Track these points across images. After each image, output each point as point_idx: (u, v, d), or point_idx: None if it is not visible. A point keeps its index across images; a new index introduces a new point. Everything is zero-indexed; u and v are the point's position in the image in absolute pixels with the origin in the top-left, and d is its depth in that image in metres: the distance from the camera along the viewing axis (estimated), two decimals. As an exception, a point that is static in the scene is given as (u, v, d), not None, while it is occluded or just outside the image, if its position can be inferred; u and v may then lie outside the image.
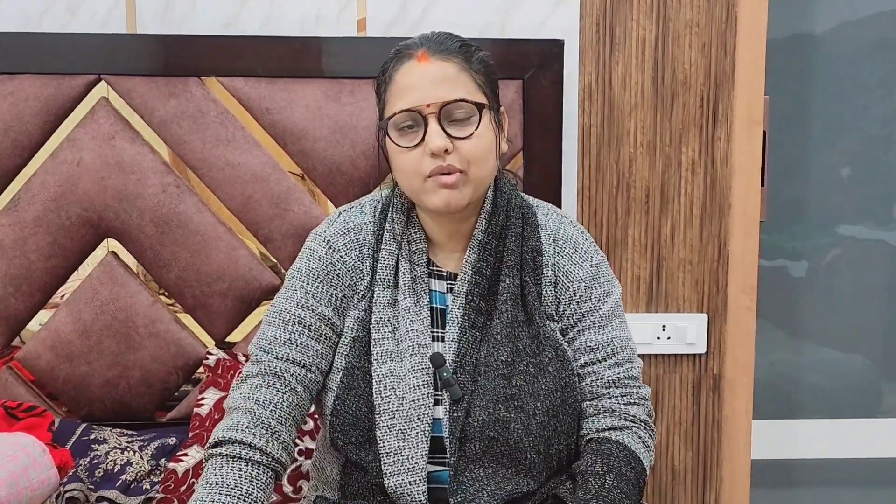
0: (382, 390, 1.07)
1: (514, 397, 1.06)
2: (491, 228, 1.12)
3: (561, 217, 1.19)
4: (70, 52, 1.54)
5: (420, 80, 1.05)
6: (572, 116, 1.68)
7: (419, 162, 1.05)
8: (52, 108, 1.55)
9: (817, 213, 1.91)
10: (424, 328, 1.10)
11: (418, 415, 1.06)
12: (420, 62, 1.06)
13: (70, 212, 1.55)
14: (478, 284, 1.11)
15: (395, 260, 1.12)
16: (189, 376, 1.61)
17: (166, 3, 1.62)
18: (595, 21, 1.67)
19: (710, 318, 1.74)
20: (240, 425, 1.02)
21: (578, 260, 1.15)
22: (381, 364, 1.08)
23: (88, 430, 1.48)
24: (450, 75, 1.05)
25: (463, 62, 1.07)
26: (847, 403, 1.96)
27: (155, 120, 1.56)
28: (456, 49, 1.07)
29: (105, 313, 1.56)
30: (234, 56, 1.56)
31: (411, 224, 1.14)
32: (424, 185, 1.06)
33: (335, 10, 1.64)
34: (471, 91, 1.06)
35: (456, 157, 1.05)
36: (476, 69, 1.08)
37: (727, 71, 1.69)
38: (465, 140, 1.05)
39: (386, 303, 1.11)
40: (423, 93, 1.05)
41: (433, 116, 1.04)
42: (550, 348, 1.09)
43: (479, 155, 1.06)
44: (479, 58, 1.09)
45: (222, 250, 1.58)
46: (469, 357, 1.08)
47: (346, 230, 1.15)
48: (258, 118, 1.58)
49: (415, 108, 1.05)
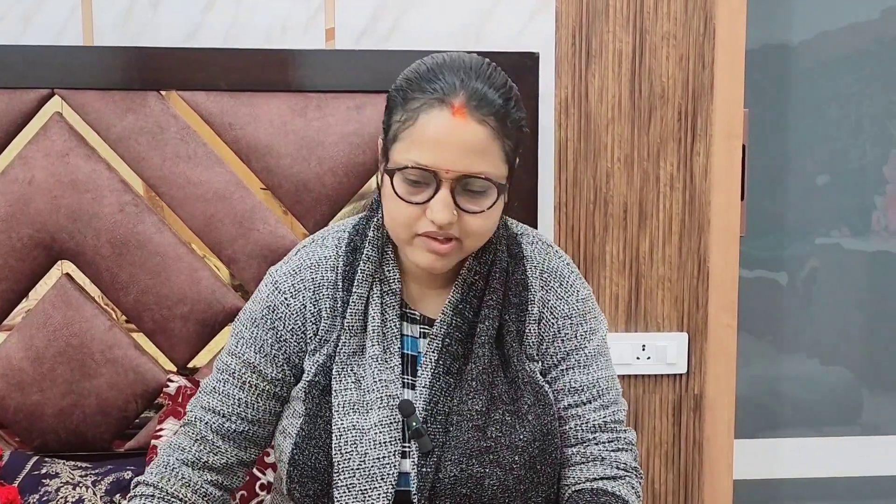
0: (343, 446, 0.99)
1: (489, 450, 0.98)
2: (479, 268, 1.04)
3: (547, 246, 1.11)
4: (22, 65, 1.47)
5: (448, 138, 0.93)
6: (548, 130, 1.63)
7: (415, 218, 0.96)
8: (2, 125, 1.47)
9: (795, 224, 1.89)
10: (395, 377, 1.02)
11: (382, 475, 0.98)
12: (455, 117, 0.92)
13: (21, 233, 1.48)
14: (458, 328, 1.03)
15: (365, 304, 1.03)
16: (149, 404, 1.53)
17: (126, 13, 1.56)
18: (571, 33, 1.63)
19: (691, 337, 1.70)
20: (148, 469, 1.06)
21: (564, 294, 1.08)
22: (342, 416, 1.00)
23: (40, 464, 1.40)
24: (481, 142, 0.93)
25: (498, 126, 0.94)
26: (828, 416, 1.93)
27: (112, 136, 1.49)
28: (498, 107, 0.94)
29: (58, 339, 1.49)
30: (196, 69, 1.49)
31: (386, 260, 1.04)
32: (412, 240, 0.98)
33: (303, 20, 1.58)
34: (497, 165, 0.95)
35: (458, 228, 0.96)
36: (509, 135, 0.96)
37: (705, 84, 1.66)
38: (475, 215, 0.96)
39: (351, 352, 1.02)
40: (447, 155, 0.93)
41: (447, 183, 0.94)
42: (529, 393, 1.02)
43: (483, 232, 0.98)
44: (514, 119, 0.97)
45: (183, 272, 1.51)
46: (441, 406, 1.01)
47: (298, 269, 1.06)
48: (221, 134, 1.52)
49: (433, 167, 0.93)
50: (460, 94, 0.93)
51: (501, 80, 0.98)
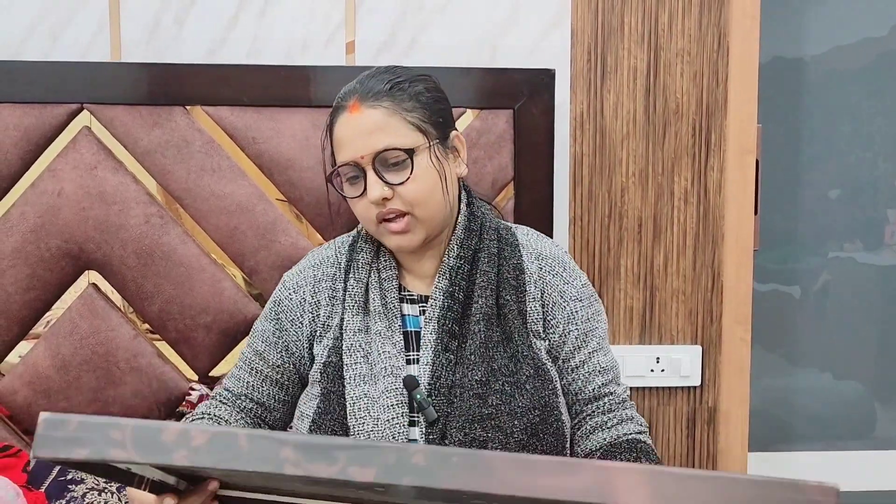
0: (357, 412, 1.08)
1: (490, 416, 1.06)
2: (463, 253, 1.14)
3: (540, 236, 1.22)
4: (52, 81, 1.51)
5: (353, 131, 1.08)
6: (564, 146, 1.66)
7: (368, 209, 1.09)
8: (32, 138, 1.51)
9: (808, 237, 1.90)
10: (398, 351, 1.11)
11: (393, 434, 1.06)
12: (352, 113, 1.09)
13: (50, 243, 1.51)
14: (450, 308, 1.11)
15: (365, 287, 1.14)
16: (171, 412, 1.56)
17: (151, 30, 1.60)
18: (586, 49, 1.66)
19: (705, 349, 1.71)
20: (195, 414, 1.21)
21: (569, 279, 1.18)
22: (354, 387, 1.09)
23: (65, 470, 1.43)
24: (379, 123, 1.07)
25: (393, 104, 1.08)
26: (841, 430, 1.94)
27: (139, 150, 1.53)
28: (386, 92, 1.09)
29: (85, 347, 1.52)
30: (220, 85, 1.53)
31: (382, 254, 1.17)
32: (378, 229, 1.11)
33: (323, 36, 1.62)
34: (402, 134, 1.08)
35: (398, 201, 1.08)
36: (408, 108, 1.09)
37: (719, 100, 1.68)
38: (403, 185, 1.08)
39: (357, 329, 1.12)
40: (356, 145, 1.08)
41: (369, 167, 1.08)
42: (529, 366, 1.09)
43: (420, 196, 1.08)
44: (411, 93, 1.10)
45: (207, 282, 1.54)
46: (444, 379, 1.08)
47: (303, 268, 1.20)
48: (244, 148, 1.55)
49: (351, 160, 1.09)
50: (353, 96, 1.10)
51: (397, 71, 1.12)
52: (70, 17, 1.58)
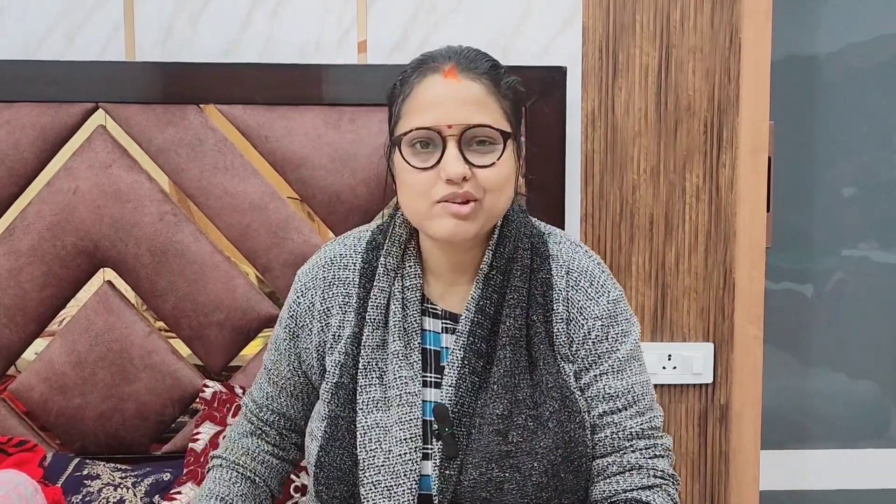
0: (367, 443, 1.00)
1: (509, 455, 0.97)
2: (496, 262, 1.04)
3: (575, 246, 1.09)
4: (67, 80, 1.52)
5: (445, 97, 0.97)
6: (575, 143, 1.66)
7: (431, 185, 0.97)
8: (48, 137, 1.53)
9: (821, 236, 1.89)
10: (414, 374, 1.02)
11: (405, 471, 0.99)
12: (447, 78, 0.97)
13: (66, 241, 1.53)
14: (481, 325, 1.02)
15: (387, 298, 1.04)
16: (185, 409, 1.57)
17: (166, 30, 1.61)
18: (598, 47, 1.66)
19: (717, 347, 1.71)
20: (220, 444, 1.18)
21: (594, 295, 1.05)
22: (366, 414, 1.01)
23: (81, 466, 1.45)
24: (477, 97, 0.97)
25: (492, 85, 0.99)
26: (855, 429, 1.92)
27: (153, 148, 1.55)
28: (486, 69, 0.99)
29: (100, 344, 1.54)
30: (233, 84, 1.54)
31: (408, 255, 1.06)
32: (432, 209, 0.97)
33: (336, 36, 1.63)
34: (497, 118, 0.98)
35: (473, 184, 0.96)
36: (504, 94, 1.00)
37: (731, 97, 1.67)
38: (486, 168, 0.97)
39: (375, 345, 1.03)
40: (446, 112, 0.96)
41: (453, 139, 0.96)
42: (554, 399, 1.00)
43: (499, 185, 0.98)
44: (508, 82, 1.01)
45: (220, 280, 1.55)
46: (466, 408, 1.00)
47: (313, 266, 1.11)
48: (257, 146, 1.56)
49: (435, 126, 0.96)
50: (450, 60, 0.99)
51: (490, 58, 1.03)
52: (86, 18, 1.60)
